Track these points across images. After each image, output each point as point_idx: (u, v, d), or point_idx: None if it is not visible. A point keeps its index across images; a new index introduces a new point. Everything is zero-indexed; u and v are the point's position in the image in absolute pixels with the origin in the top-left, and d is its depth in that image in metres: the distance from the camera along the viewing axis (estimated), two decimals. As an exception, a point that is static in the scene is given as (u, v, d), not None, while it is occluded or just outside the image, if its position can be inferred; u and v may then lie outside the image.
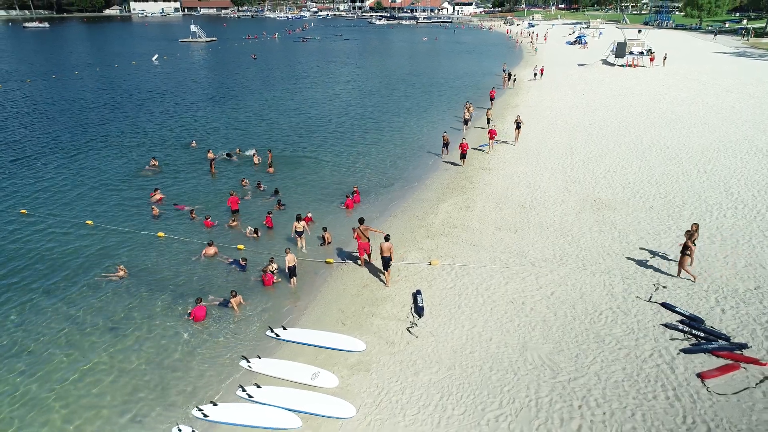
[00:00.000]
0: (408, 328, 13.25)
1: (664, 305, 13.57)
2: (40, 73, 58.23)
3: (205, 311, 14.07)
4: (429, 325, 13.34)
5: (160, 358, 12.70)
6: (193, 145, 29.88)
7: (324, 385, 11.44)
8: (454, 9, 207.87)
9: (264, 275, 15.70)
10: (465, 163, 25.66)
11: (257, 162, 26.61)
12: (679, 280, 14.72)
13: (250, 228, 18.96)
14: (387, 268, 15.26)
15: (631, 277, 15.04)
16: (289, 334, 13.29)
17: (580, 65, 59.99)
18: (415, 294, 14.55)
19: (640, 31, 67.85)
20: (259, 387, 11.42)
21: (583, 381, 11.12)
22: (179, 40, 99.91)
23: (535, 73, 51.39)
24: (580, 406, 10.45)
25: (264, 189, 22.96)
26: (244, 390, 11.35)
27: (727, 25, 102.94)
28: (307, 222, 18.54)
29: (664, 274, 15.10)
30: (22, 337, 13.41)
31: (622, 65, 57.80)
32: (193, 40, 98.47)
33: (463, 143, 25.74)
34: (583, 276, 15.22)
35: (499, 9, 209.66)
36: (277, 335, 13.29)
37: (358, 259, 16.82)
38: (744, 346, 11.83)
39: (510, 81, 48.00)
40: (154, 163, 26.37)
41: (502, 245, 17.35)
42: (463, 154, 25.59)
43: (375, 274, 16.09)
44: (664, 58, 57.46)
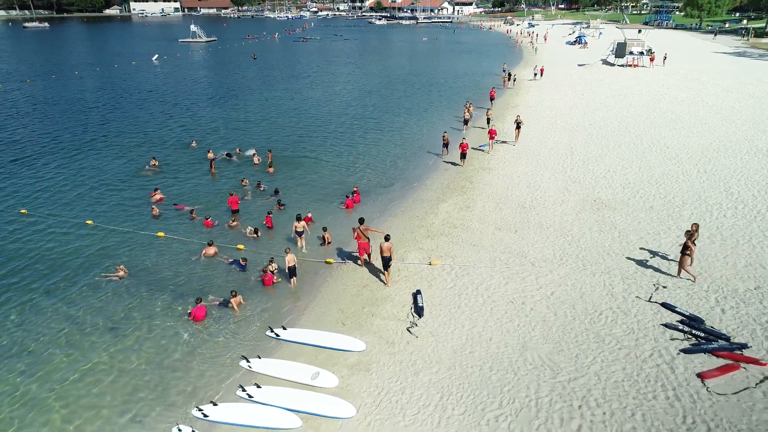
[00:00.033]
0: (408, 328, 13.25)
1: (664, 305, 13.57)
2: (40, 73, 58.24)
3: (205, 311, 14.07)
4: (429, 325, 13.34)
5: (160, 358, 12.71)
6: (193, 145, 29.89)
7: (324, 385, 11.44)
8: (454, 9, 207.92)
9: (264, 275, 15.71)
10: (465, 163, 25.66)
11: (257, 162, 26.62)
12: (679, 280, 14.73)
13: (250, 228, 18.97)
14: (387, 268, 15.26)
15: (631, 277, 15.04)
16: (289, 334, 13.30)
17: (580, 65, 59.99)
18: (415, 294, 14.56)
19: (640, 31, 67.86)
20: (259, 387, 11.42)
21: (583, 381, 11.13)
22: (179, 40, 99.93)
23: (535, 73, 51.40)
24: (580, 406, 10.46)
25: (264, 189, 22.97)
26: (244, 390, 11.35)
27: (727, 25, 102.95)
28: (307, 222, 18.54)
29: (664, 274, 15.10)
30: (22, 337, 13.42)
31: (622, 65, 57.79)
32: (193, 40, 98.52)
33: (463, 143, 25.74)
34: (583, 276, 15.23)
35: (499, 9, 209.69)
36: (277, 335, 13.30)
37: (358, 259, 16.82)
38: (744, 346, 11.83)
39: (510, 81, 48.03)
40: (154, 163, 26.38)
41: (502, 245, 17.35)
42: (463, 154, 25.60)
43: (375, 274, 16.09)
44: (664, 58, 57.46)
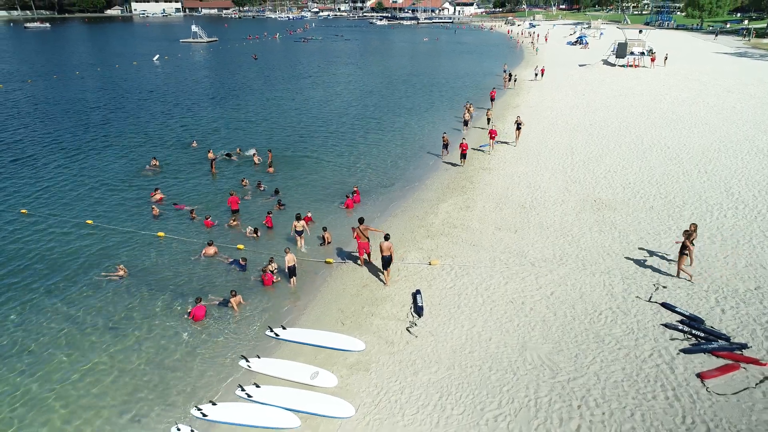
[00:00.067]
0: (407, 328, 13.25)
1: (664, 305, 13.55)
2: (41, 74, 58.31)
3: (204, 311, 14.08)
4: (428, 324, 13.34)
5: (160, 358, 12.72)
6: (193, 145, 29.91)
7: (323, 385, 11.44)
8: (455, 9, 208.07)
9: (264, 275, 15.71)
10: (465, 163, 25.65)
11: (257, 162, 26.64)
12: (679, 280, 14.70)
13: (250, 228, 18.98)
14: (387, 268, 15.26)
15: (631, 277, 15.02)
16: (288, 333, 13.30)
17: (581, 65, 59.97)
18: (415, 294, 14.55)
19: (641, 31, 67.85)
20: (258, 386, 11.42)
21: (582, 381, 11.11)
22: (180, 40, 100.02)
23: (535, 74, 51.40)
24: (580, 406, 10.45)
25: (264, 189, 22.98)
26: (243, 389, 11.35)
27: (728, 25, 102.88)
28: (307, 222, 18.54)
29: (664, 274, 15.08)
30: (22, 337, 13.43)
31: (623, 65, 57.77)
32: (194, 40, 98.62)
33: (463, 143, 25.74)
34: (583, 276, 15.21)
35: (500, 9, 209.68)
36: (276, 335, 13.30)
37: (357, 259, 16.82)
38: (744, 346, 11.81)
39: (511, 81, 48.03)
40: (155, 163, 26.41)
41: (502, 245, 17.34)
42: (463, 154, 25.59)
43: (375, 274, 16.09)
44: (665, 58, 57.41)
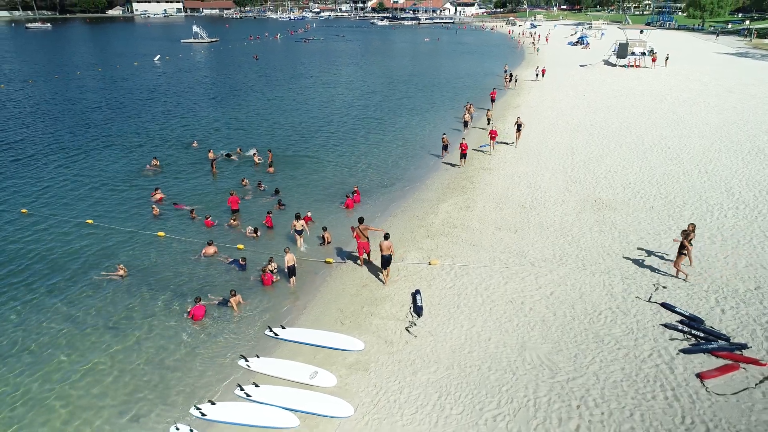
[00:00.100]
0: (407, 328, 13.24)
1: (664, 305, 13.53)
2: (42, 74, 58.41)
3: (204, 310, 14.09)
4: (428, 324, 13.33)
5: (160, 357, 12.72)
6: (194, 145, 29.93)
7: (322, 385, 11.44)
8: (456, 10, 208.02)
9: (263, 275, 15.72)
10: (465, 163, 25.64)
11: (258, 162, 26.66)
12: (679, 281, 14.69)
13: (250, 228, 18.99)
14: (386, 267, 15.27)
15: (630, 277, 15.01)
16: (287, 333, 13.30)
17: (582, 66, 59.94)
18: (414, 294, 14.55)
19: (642, 31, 67.85)
20: (257, 386, 11.42)
21: (581, 381, 11.10)
22: (181, 40, 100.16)
23: (536, 74, 51.39)
24: (579, 406, 10.44)
25: (264, 189, 22.99)
26: (243, 389, 11.36)
27: (729, 25, 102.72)
28: (307, 222, 18.54)
29: (663, 275, 15.06)
30: (22, 337, 13.44)
31: (623, 66, 57.72)
32: (196, 40, 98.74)
33: (463, 143, 25.72)
34: (583, 276, 15.20)
35: (501, 10, 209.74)
36: (276, 334, 13.30)
37: (357, 259, 16.82)
38: (744, 346, 11.79)
39: (511, 82, 48.01)
40: (156, 162, 26.44)
41: (501, 245, 17.33)
42: (463, 155, 25.57)
43: (374, 274, 16.09)
44: (666, 58, 57.36)
